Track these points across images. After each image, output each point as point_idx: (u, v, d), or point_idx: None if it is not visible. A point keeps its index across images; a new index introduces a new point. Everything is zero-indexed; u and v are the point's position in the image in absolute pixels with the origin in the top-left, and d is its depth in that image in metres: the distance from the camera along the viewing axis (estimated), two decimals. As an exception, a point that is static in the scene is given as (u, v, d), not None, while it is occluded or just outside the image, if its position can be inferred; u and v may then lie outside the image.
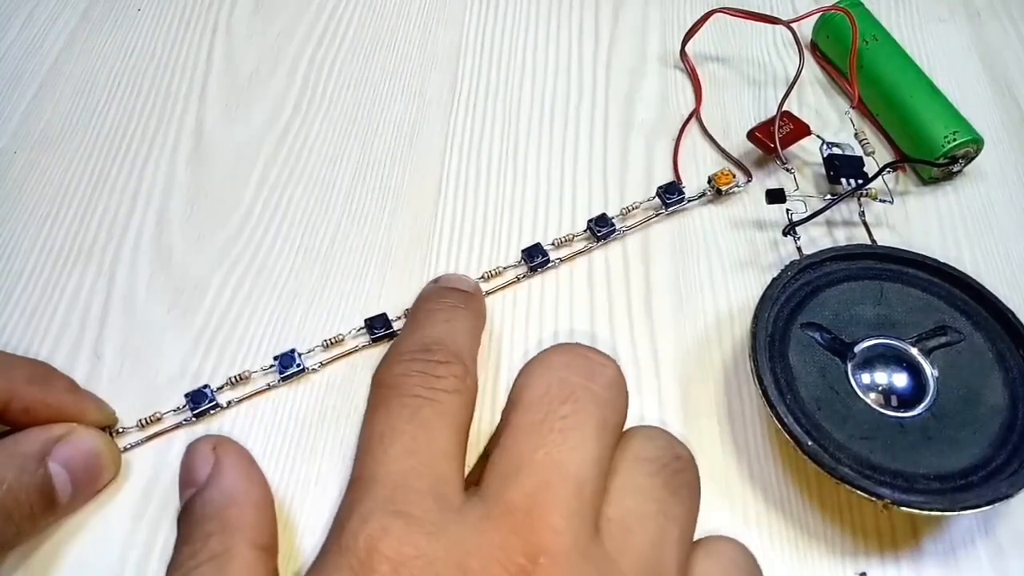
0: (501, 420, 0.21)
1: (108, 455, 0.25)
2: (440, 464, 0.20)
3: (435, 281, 0.28)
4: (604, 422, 0.20)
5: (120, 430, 0.26)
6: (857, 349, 0.25)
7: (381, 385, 0.22)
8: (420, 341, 0.23)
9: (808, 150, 0.33)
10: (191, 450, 0.23)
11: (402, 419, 0.21)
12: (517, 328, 0.29)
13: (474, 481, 0.20)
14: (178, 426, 0.26)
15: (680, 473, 0.21)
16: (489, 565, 0.18)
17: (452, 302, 0.26)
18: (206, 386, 0.27)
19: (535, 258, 0.30)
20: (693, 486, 0.21)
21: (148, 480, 0.25)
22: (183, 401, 0.27)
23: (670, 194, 0.31)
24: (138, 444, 0.26)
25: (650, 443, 0.21)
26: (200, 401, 0.27)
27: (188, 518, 0.21)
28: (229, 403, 0.27)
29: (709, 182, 0.32)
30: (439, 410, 0.21)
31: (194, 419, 0.26)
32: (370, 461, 0.20)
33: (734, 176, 0.32)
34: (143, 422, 0.26)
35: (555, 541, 0.18)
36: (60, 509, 0.24)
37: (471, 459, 0.22)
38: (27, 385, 0.24)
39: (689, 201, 0.32)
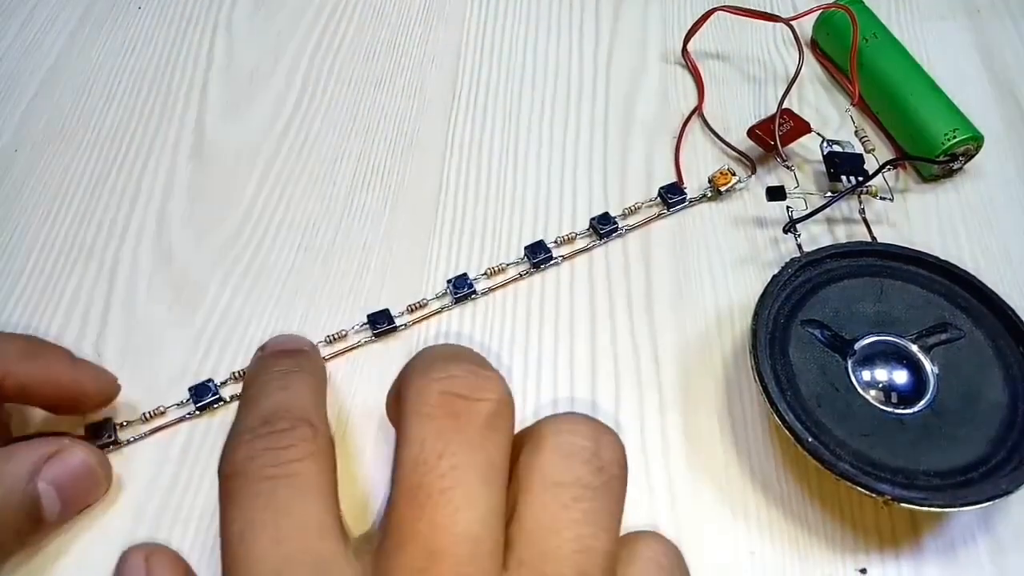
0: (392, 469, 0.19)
1: (100, 471, 0.24)
2: (315, 545, 0.18)
3: (261, 349, 0.25)
4: (490, 464, 0.18)
5: (123, 423, 0.26)
6: (857, 346, 0.25)
7: (227, 476, 0.19)
8: (259, 416, 0.21)
9: (808, 148, 0.33)
10: (123, 558, 0.20)
11: (258, 508, 0.18)
12: (518, 326, 0.29)
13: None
14: (181, 420, 0.26)
15: (602, 491, 0.18)
16: None
17: (284, 368, 0.23)
18: (209, 380, 0.27)
19: (538, 255, 0.30)
20: (618, 496, 0.19)
21: (149, 478, 0.25)
22: (186, 395, 0.27)
23: (672, 194, 0.31)
24: (141, 438, 0.26)
25: (565, 462, 0.18)
26: (204, 394, 0.27)
27: None
28: (232, 397, 0.27)
29: (709, 182, 0.32)
30: (297, 485, 0.19)
31: (197, 412, 0.27)
32: (235, 566, 0.18)
33: (733, 175, 0.32)
34: (146, 415, 0.26)
35: None
36: (47, 527, 0.23)
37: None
38: (20, 360, 0.23)
39: (691, 202, 0.32)
